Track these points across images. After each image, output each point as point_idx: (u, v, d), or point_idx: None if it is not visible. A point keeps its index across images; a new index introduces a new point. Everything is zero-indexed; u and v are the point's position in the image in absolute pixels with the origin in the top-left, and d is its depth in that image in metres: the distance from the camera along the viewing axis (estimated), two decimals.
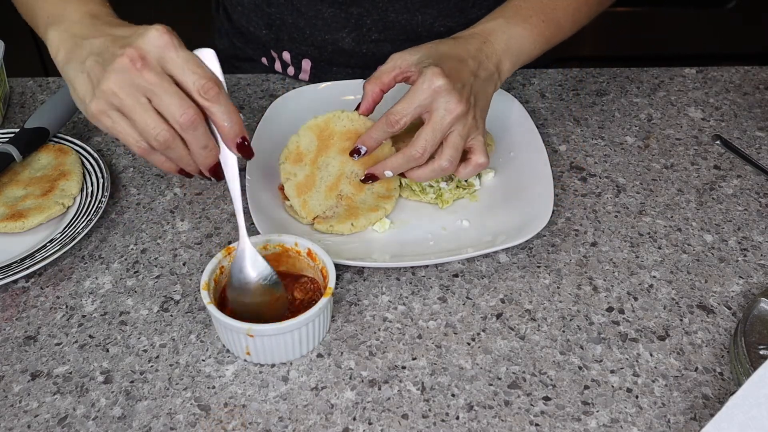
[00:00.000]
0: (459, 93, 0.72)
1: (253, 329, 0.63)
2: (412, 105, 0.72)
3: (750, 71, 1.04)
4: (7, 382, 0.66)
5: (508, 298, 0.73)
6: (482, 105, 0.76)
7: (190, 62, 0.61)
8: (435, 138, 0.73)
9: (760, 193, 0.85)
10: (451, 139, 0.73)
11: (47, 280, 0.75)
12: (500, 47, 0.78)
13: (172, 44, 0.61)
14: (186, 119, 0.61)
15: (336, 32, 0.97)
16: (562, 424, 0.62)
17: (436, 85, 0.71)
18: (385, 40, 0.98)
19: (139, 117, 0.61)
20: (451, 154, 0.74)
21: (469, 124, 0.74)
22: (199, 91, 0.61)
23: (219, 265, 0.69)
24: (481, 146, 0.76)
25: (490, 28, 0.79)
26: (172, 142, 0.62)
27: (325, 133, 0.81)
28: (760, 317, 0.67)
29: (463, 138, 0.74)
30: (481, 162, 0.75)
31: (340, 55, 0.99)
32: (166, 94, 0.61)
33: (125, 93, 0.61)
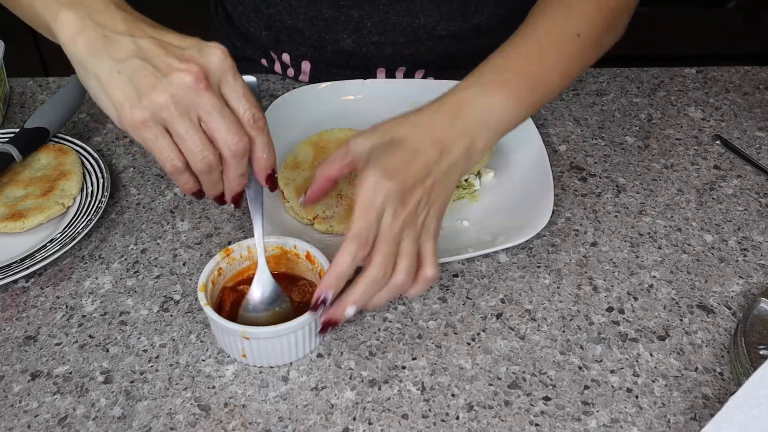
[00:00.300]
0: (408, 195, 0.63)
1: (248, 332, 0.63)
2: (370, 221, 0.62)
3: (750, 71, 1.04)
4: (7, 382, 0.66)
5: (508, 298, 0.73)
6: (438, 204, 0.66)
7: (246, 90, 0.61)
8: (392, 250, 0.62)
9: (760, 193, 0.85)
10: (403, 249, 0.63)
11: (47, 280, 0.75)
12: (473, 123, 0.67)
13: (232, 68, 0.60)
14: (240, 147, 0.60)
15: (336, 34, 0.97)
16: (562, 424, 0.62)
17: (381, 193, 0.62)
18: (386, 42, 0.97)
19: (190, 137, 0.59)
20: (406, 266, 0.63)
21: (418, 225, 0.64)
22: (250, 120, 0.61)
23: (217, 266, 0.69)
24: (431, 255, 0.65)
25: (464, 98, 0.68)
26: (215, 166, 0.62)
27: (320, 144, 0.85)
28: (760, 317, 0.67)
29: (414, 245, 0.64)
30: (430, 276, 0.64)
31: (339, 57, 0.99)
32: (224, 119, 0.59)
33: (180, 110, 0.58)
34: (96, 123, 0.95)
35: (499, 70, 0.71)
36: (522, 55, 0.72)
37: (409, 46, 0.98)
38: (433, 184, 0.65)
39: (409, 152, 0.64)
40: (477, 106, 0.68)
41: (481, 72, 0.71)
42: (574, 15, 0.74)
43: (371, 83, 0.96)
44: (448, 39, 0.98)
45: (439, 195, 0.65)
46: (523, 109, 0.71)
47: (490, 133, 0.68)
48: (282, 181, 0.81)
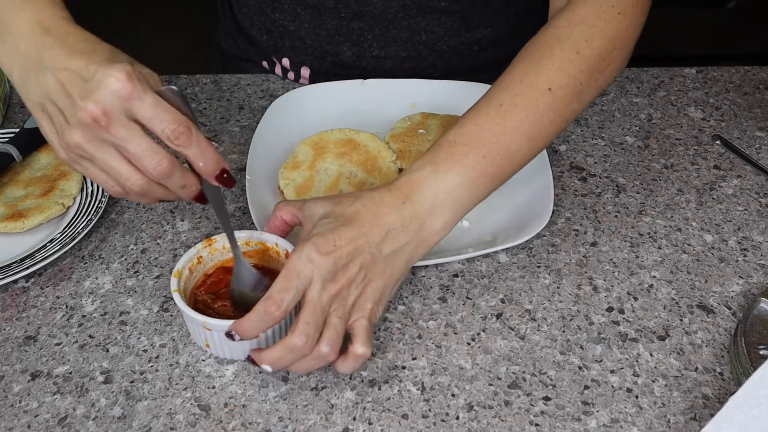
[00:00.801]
0: (342, 272, 0.62)
1: (209, 323, 0.63)
2: (290, 286, 0.61)
3: (750, 71, 1.04)
4: (7, 382, 0.66)
5: (508, 298, 0.73)
6: (378, 284, 0.64)
7: (157, 108, 0.58)
8: (316, 320, 0.61)
9: (760, 193, 0.85)
10: (330, 322, 0.62)
11: (47, 280, 0.75)
12: (424, 207, 0.65)
13: (135, 92, 0.57)
14: (160, 171, 0.60)
15: (336, 45, 0.97)
16: (562, 424, 0.62)
17: (310, 266, 0.61)
18: (386, 57, 0.97)
19: (111, 169, 0.60)
20: (330, 337, 0.61)
21: (349, 303, 0.63)
22: (170, 137, 0.59)
23: (197, 255, 0.70)
24: (363, 332, 0.63)
25: (415, 181, 0.66)
26: (149, 188, 0.61)
27: (319, 145, 0.85)
28: (760, 317, 0.67)
29: (343, 320, 0.62)
30: (360, 353, 0.62)
31: (339, 68, 0.99)
32: (136, 147, 0.59)
33: (93, 147, 0.59)
34: None
35: (452, 145, 0.67)
36: (479, 124, 0.67)
37: (409, 61, 0.97)
38: (373, 266, 0.63)
39: (352, 231, 0.63)
40: (427, 189, 0.65)
41: (435, 149, 0.67)
42: (545, 67, 0.68)
43: (371, 83, 0.96)
44: (449, 54, 0.97)
45: (379, 276, 0.64)
46: (483, 183, 0.67)
47: (447, 214, 0.66)
48: (282, 182, 0.82)
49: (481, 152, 0.66)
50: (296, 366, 0.63)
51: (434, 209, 0.65)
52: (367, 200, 0.65)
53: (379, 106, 0.94)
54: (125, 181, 0.61)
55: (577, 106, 0.70)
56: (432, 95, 0.95)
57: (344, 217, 0.64)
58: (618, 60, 0.72)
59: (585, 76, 0.69)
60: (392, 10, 0.92)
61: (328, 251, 0.61)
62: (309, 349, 0.61)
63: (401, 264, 0.65)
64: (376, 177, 0.82)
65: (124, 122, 0.58)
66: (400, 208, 0.65)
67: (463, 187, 0.66)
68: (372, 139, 0.87)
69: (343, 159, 0.82)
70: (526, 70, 0.69)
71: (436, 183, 0.65)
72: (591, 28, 0.69)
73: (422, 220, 0.65)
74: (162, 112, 0.59)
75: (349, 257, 0.62)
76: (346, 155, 0.84)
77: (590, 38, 0.69)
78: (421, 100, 0.94)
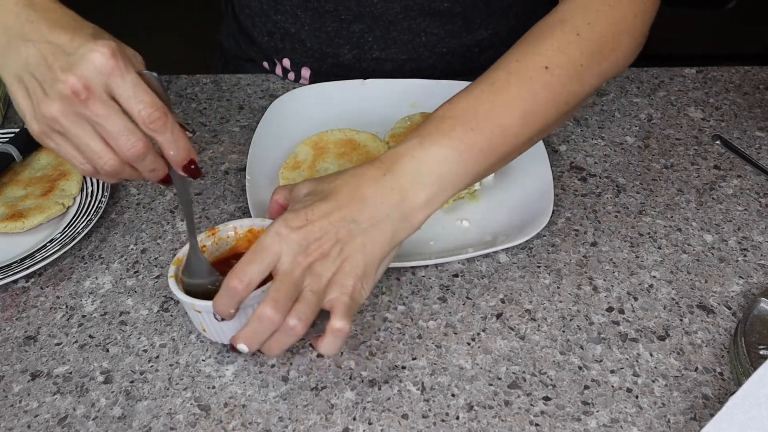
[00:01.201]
0: (315, 246, 0.60)
1: (197, 305, 0.64)
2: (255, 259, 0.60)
3: (750, 71, 1.04)
4: (7, 382, 0.66)
5: (508, 298, 0.73)
6: (357, 259, 0.61)
7: (137, 89, 0.58)
8: (286, 291, 0.60)
9: (760, 193, 0.85)
10: (302, 294, 0.60)
11: (47, 280, 0.75)
12: (406, 179, 0.63)
13: (118, 69, 0.57)
14: (134, 152, 0.59)
15: (337, 48, 0.97)
16: (562, 424, 0.62)
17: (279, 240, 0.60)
18: (386, 59, 0.97)
19: (85, 146, 0.59)
20: (300, 309, 0.60)
21: (325, 278, 0.61)
22: (145, 121, 0.58)
23: (201, 244, 0.70)
24: (341, 306, 0.60)
25: (398, 153, 0.64)
26: (120, 169, 0.61)
27: (319, 145, 0.85)
28: (760, 317, 0.67)
29: (317, 294, 0.60)
30: (337, 327, 0.60)
31: (340, 69, 0.99)
32: (113, 125, 0.58)
33: (69, 121, 0.58)
34: None
35: (440, 119, 0.65)
36: (470, 99, 0.66)
37: (410, 63, 0.97)
38: (351, 240, 0.61)
39: (329, 205, 0.62)
40: (409, 160, 0.63)
41: (425, 123, 0.66)
42: (544, 47, 0.67)
43: (371, 83, 0.96)
44: (449, 56, 0.97)
45: (358, 251, 0.61)
46: (474, 158, 0.64)
47: (431, 188, 0.63)
48: (282, 182, 0.82)
49: (470, 125, 0.64)
50: (268, 345, 0.61)
51: (417, 181, 0.63)
52: (349, 175, 0.64)
53: (379, 106, 0.94)
54: (98, 160, 0.60)
55: (578, 88, 0.68)
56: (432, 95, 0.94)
57: (324, 192, 0.63)
58: (625, 47, 0.70)
59: (586, 58, 0.67)
60: (393, 12, 0.92)
61: (299, 226, 0.60)
62: (279, 321, 0.60)
63: (384, 239, 0.63)
64: None
65: (104, 99, 0.58)
66: (380, 179, 0.63)
67: (449, 160, 0.64)
68: (372, 139, 0.87)
69: (343, 159, 0.83)
70: (524, 51, 0.68)
71: (420, 154, 0.63)
72: (595, 13, 0.68)
73: (404, 191, 0.63)
74: (141, 93, 0.58)
75: (321, 231, 0.61)
76: (346, 155, 0.84)
77: (593, 22, 0.68)
78: (421, 100, 0.94)
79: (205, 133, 0.94)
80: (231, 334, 0.66)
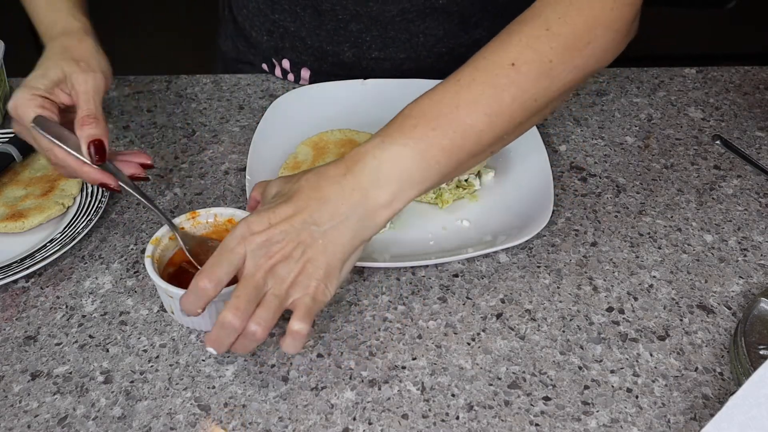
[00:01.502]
0: (276, 248, 0.61)
1: (169, 290, 0.65)
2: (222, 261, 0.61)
3: (750, 71, 1.04)
4: (7, 382, 0.66)
5: (508, 298, 0.73)
6: (321, 260, 0.61)
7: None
8: (247, 294, 0.60)
9: (760, 193, 0.85)
10: (264, 299, 0.61)
11: (47, 280, 0.75)
12: (367, 178, 0.62)
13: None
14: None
15: (336, 46, 0.97)
16: (562, 424, 0.62)
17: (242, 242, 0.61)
18: (385, 58, 0.97)
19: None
20: (262, 315, 0.60)
21: (288, 281, 0.61)
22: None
23: (180, 225, 0.72)
24: (302, 307, 0.61)
25: (360, 153, 0.64)
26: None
27: (320, 145, 0.85)
28: (760, 317, 0.67)
29: (278, 297, 0.61)
30: (295, 329, 0.60)
31: (340, 68, 0.99)
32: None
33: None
34: None
35: (405, 118, 0.65)
36: (434, 99, 0.65)
37: (408, 62, 0.97)
38: (313, 241, 0.61)
39: (289, 207, 0.62)
40: (371, 159, 0.63)
41: (389, 123, 0.65)
42: (512, 43, 0.66)
43: (371, 83, 0.96)
44: (448, 56, 0.97)
45: (321, 253, 0.61)
46: (436, 156, 0.63)
47: (392, 186, 0.63)
48: None
49: (431, 125, 0.63)
50: (234, 347, 0.62)
51: (378, 180, 0.62)
52: (312, 174, 0.64)
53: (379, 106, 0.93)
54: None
55: (548, 83, 0.66)
56: None
57: (288, 194, 0.63)
58: (601, 40, 0.67)
59: (556, 53, 0.65)
60: (390, 14, 0.92)
61: (261, 230, 0.61)
62: (241, 326, 0.60)
63: (344, 239, 0.62)
64: None
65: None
66: (341, 179, 0.63)
67: (410, 159, 0.63)
68: None
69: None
70: (492, 48, 0.66)
71: (381, 154, 0.63)
72: (567, 7, 0.66)
73: (365, 191, 0.62)
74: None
75: (283, 234, 0.61)
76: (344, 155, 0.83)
77: (564, 15, 0.66)
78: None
79: (205, 133, 0.94)
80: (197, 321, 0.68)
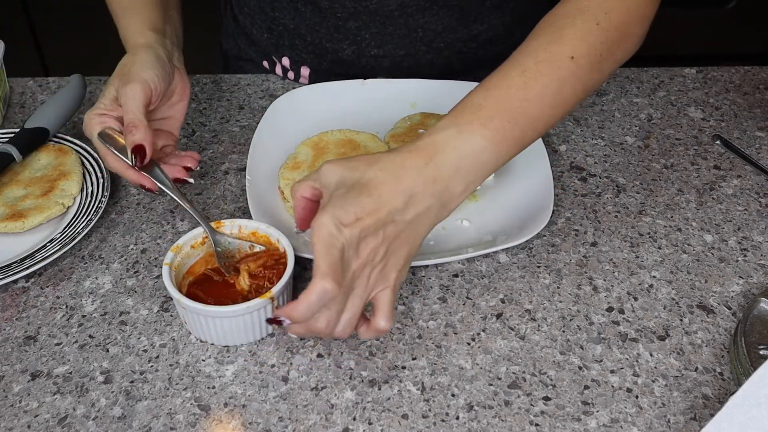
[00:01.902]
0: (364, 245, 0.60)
1: (182, 301, 0.66)
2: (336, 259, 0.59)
3: (750, 71, 1.04)
4: (7, 382, 0.66)
5: (508, 298, 0.73)
6: (401, 253, 0.63)
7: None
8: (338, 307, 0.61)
9: (760, 193, 0.85)
10: (349, 302, 0.62)
11: (47, 280, 0.75)
12: (447, 169, 0.63)
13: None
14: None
15: (336, 43, 0.97)
16: (562, 424, 0.62)
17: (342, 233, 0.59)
18: (384, 55, 0.97)
19: None
20: (347, 319, 0.62)
21: (373, 277, 0.62)
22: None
23: (203, 234, 0.72)
24: (386, 305, 0.63)
25: (438, 142, 0.64)
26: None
27: (320, 145, 0.85)
28: (760, 317, 0.67)
29: (362, 298, 0.62)
30: (381, 327, 0.63)
31: (339, 66, 0.99)
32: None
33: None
34: None
35: (477, 108, 0.65)
36: (503, 88, 0.67)
37: (408, 59, 0.97)
38: (397, 235, 0.62)
39: (372, 200, 0.61)
40: (451, 150, 0.63)
41: (459, 111, 0.66)
42: (567, 36, 0.68)
43: (371, 83, 0.96)
44: (447, 51, 0.97)
45: (403, 244, 0.62)
46: (507, 148, 0.66)
47: (469, 177, 0.64)
48: (282, 182, 0.82)
49: (506, 117, 0.65)
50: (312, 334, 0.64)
51: (458, 171, 0.64)
52: (386, 163, 0.63)
53: (379, 106, 0.93)
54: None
55: (598, 76, 0.70)
56: (432, 95, 0.94)
57: (361, 183, 0.62)
58: (635, 36, 0.72)
59: (605, 47, 0.69)
60: (389, 9, 0.93)
61: (349, 223, 0.60)
62: (330, 333, 0.62)
63: (424, 230, 0.64)
64: None
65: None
66: (423, 170, 0.63)
67: (487, 151, 0.65)
68: (372, 140, 0.87)
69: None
70: (549, 39, 0.69)
71: (461, 145, 0.64)
72: (609, 2, 0.70)
73: (445, 182, 0.63)
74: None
75: (370, 229, 0.60)
76: (345, 156, 0.84)
77: (609, 11, 0.69)
78: (421, 100, 0.94)
79: (205, 133, 0.94)
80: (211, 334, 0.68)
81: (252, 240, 0.73)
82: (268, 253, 0.72)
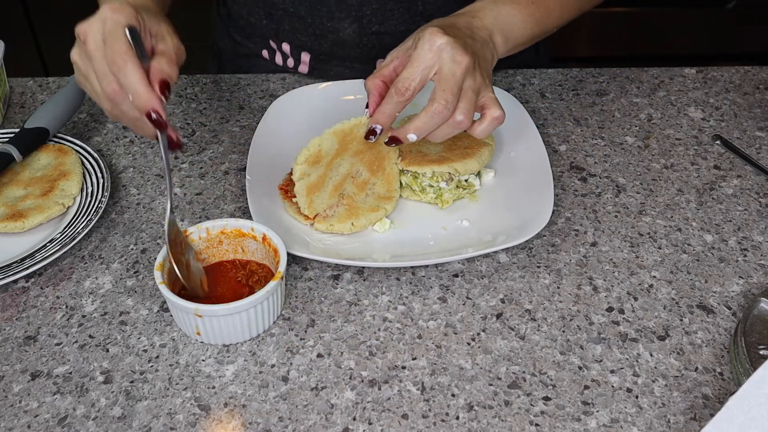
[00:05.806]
0: (462, 46, 0.71)
1: (200, 309, 0.65)
2: (418, 68, 0.71)
3: (750, 71, 1.04)
4: (7, 382, 0.66)
5: (508, 298, 0.73)
6: (485, 65, 0.75)
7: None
8: (453, 89, 0.71)
9: (760, 193, 0.85)
10: (464, 93, 0.72)
11: (47, 280, 0.75)
12: (489, 22, 0.78)
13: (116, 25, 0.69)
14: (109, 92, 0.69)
15: (337, 22, 0.97)
16: (562, 424, 0.62)
17: (438, 43, 0.71)
18: (386, 32, 0.98)
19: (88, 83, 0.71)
20: (466, 107, 0.72)
21: (478, 78, 0.72)
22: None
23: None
24: (494, 101, 0.74)
25: (477, 6, 0.79)
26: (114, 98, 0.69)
27: (347, 138, 0.79)
28: (760, 317, 0.67)
29: (474, 92, 0.72)
30: (497, 115, 0.74)
31: (340, 47, 0.99)
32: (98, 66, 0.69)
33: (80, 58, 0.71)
34: (96, 123, 0.95)
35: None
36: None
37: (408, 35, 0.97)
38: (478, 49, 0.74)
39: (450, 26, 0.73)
40: (489, 12, 0.78)
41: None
42: None
43: None
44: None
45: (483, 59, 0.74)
46: (531, 23, 0.80)
47: (504, 33, 0.78)
48: (297, 174, 0.77)
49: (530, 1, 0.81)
50: (433, 134, 0.74)
51: (496, 26, 0.78)
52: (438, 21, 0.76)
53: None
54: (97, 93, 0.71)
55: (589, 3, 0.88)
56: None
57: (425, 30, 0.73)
58: None
59: None
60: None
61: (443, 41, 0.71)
62: (448, 114, 0.71)
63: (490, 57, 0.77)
64: (378, 177, 0.82)
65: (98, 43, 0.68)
66: (471, 21, 0.77)
67: (516, 18, 0.80)
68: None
69: (356, 157, 0.81)
70: None
71: (496, 9, 0.79)
72: None
73: (490, 30, 0.78)
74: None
75: (462, 38, 0.72)
76: (360, 153, 0.82)
77: None
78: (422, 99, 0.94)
79: (205, 133, 0.94)
80: (229, 335, 0.67)
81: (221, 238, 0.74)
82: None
